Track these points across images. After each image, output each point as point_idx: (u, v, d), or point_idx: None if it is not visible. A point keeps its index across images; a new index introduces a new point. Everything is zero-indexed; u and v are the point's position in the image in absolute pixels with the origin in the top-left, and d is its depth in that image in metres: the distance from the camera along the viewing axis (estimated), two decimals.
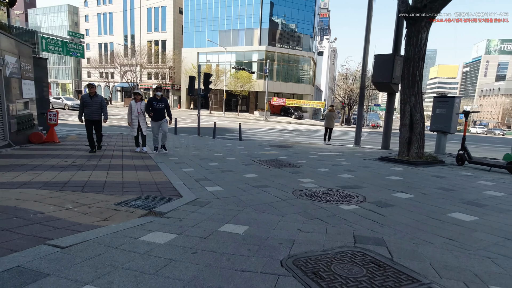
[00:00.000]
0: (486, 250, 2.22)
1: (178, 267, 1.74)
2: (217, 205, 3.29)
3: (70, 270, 1.63)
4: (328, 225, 2.70)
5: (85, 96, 7.12)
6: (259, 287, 1.56)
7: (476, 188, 4.51)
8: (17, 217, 2.44)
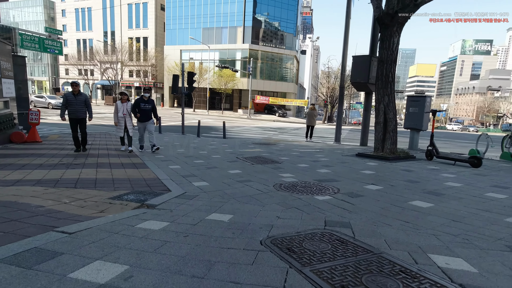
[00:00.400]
0: (433, 229, 2.64)
1: (173, 247, 2.04)
2: (204, 198, 3.59)
3: (81, 250, 1.89)
4: (303, 212, 3.06)
5: (69, 94, 7.05)
6: (241, 260, 1.88)
7: (438, 180, 5.01)
8: (21, 210, 2.66)
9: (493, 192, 4.20)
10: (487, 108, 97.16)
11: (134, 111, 7.42)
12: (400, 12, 7.10)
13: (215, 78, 42.05)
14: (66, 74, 62.66)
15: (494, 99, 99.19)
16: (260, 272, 1.71)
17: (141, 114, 7.39)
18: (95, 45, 55.43)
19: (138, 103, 7.47)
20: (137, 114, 7.39)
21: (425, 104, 9.54)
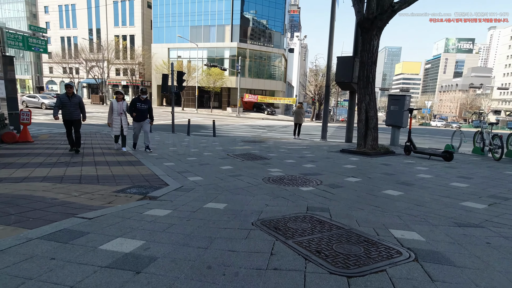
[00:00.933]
0: (398, 212, 3.11)
1: (179, 228, 2.43)
2: (199, 191, 3.97)
3: (102, 230, 2.26)
4: (288, 201, 3.49)
5: (63, 96, 7.15)
6: (236, 236, 2.29)
7: (411, 172, 5.54)
8: (40, 202, 2.98)
9: (457, 182, 4.74)
10: (470, 105, 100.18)
11: (131, 110, 7.60)
12: (379, 17, 7.61)
13: (203, 77, 42.16)
14: (50, 73, 61.39)
15: (476, 96, 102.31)
16: (252, 244, 2.12)
17: (137, 114, 7.58)
18: (80, 43, 54.47)
19: (134, 102, 7.64)
20: (133, 114, 7.57)
21: (405, 103, 10.13)
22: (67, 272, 1.62)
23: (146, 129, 7.82)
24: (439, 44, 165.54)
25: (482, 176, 5.22)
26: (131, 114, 7.63)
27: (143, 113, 7.70)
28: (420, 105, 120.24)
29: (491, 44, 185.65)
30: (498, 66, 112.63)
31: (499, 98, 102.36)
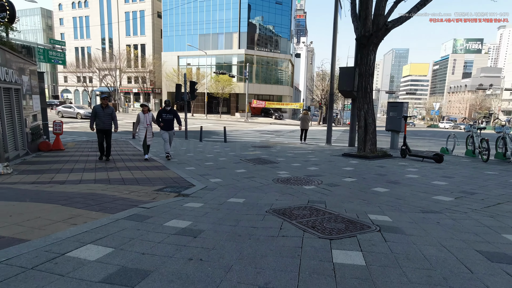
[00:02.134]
0: (379, 203, 3.96)
1: (212, 214, 3.34)
2: (221, 189, 4.89)
3: (160, 215, 3.19)
4: (294, 196, 4.38)
5: (98, 107, 7.83)
6: (255, 218, 3.19)
7: (402, 173, 6.36)
8: (105, 197, 3.95)
9: (439, 180, 5.55)
10: (479, 106, 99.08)
11: (158, 121, 8.27)
12: (375, 34, 8.48)
13: (212, 83, 43.40)
14: (64, 82, 63.59)
15: (486, 97, 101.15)
16: (267, 223, 3.02)
17: (164, 124, 8.26)
18: (93, 53, 56.53)
19: (160, 114, 8.32)
20: (161, 124, 8.25)
21: (403, 109, 10.92)
22: (152, 236, 2.54)
23: (170, 138, 8.51)
24: (447, 45, 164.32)
25: (463, 176, 6.02)
26: (158, 124, 8.30)
27: (169, 123, 8.35)
28: (428, 107, 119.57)
29: (501, 44, 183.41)
30: (508, 66, 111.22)
31: (510, 99, 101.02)
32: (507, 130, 8.12)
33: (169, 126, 8.41)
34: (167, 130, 8.39)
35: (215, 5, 47.00)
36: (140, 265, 1.98)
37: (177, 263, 2.04)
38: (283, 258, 2.16)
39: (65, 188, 4.53)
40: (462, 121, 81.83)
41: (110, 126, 7.98)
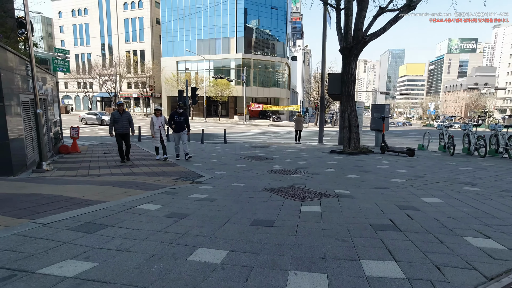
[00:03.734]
0: (346, 184, 5.22)
1: (221, 192, 4.59)
2: (226, 178, 6.14)
3: (184, 192, 4.44)
4: (282, 181, 5.64)
5: (115, 113, 8.40)
6: (253, 194, 4.44)
7: (375, 165, 7.63)
8: (140, 182, 5.19)
9: (402, 169, 6.83)
10: (474, 105, 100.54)
11: (170, 123, 8.82)
12: (355, 46, 9.78)
13: (211, 87, 44.70)
14: (65, 88, 64.59)
15: (480, 96, 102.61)
16: (260, 195, 4.27)
17: (175, 125, 8.72)
18: (93, 59, 57.77)
19: (173, 116, 8.76)
20: (173, 125, 8.75)
21: (385, 111, 12.21)
22: (183, 201, 3.79)
23: (184, 139, 8.99)
24: (442, 45, 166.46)
25: (423, 165, 7.30)
26: (170, 126, 8.87)
27: (181, 125, 8.81)
28: (424, 106, 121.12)
29: (496, 43, 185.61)
30: (503, 65, 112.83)
31: (504, 97, 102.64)
32: (499, 128, 9.04)
33: (181, 128, 8.87)
34: (178, 132, 8.92)
35: (212, 11, 48.29)
36: (181, 212, 3.24)
37: (203, 211, 3.30)
38: (269, 209, 3.42)
39: (104, 178, 5.78)
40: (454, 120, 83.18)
41: (128, 130, 8.62)
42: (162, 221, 2.92)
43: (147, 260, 2.00)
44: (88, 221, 2.77)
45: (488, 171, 6.39)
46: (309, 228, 2.75)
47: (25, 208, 3.16)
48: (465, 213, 3.25)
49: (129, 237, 2.43)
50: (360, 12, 9.73)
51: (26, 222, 2.63)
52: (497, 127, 8.88)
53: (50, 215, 2.87)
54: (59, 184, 4.93)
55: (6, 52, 5.96)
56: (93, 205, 3.39)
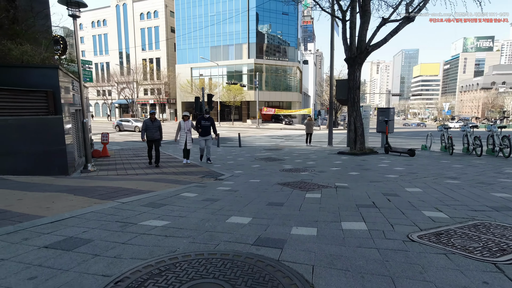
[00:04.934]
0: (346, 180, 6.16)
1: (241, 186, 5.62)
2: (243, 176, 7.17)
3: (211, 185, 5.49)
4: (292, 178, 6.62)
5: (148, 121, 9.17)
6: (267, 187, 5.44)
7: (376, 164, 8.50)
8: (172, 179, 6.30)
9: (400, 167, 7.69)
10: (491, 104, 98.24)
11: (197, 127, 9.25)
12: (359, 56, 10.69)
13: (224, 92, 46.07)
14: None
15: (498, 95, 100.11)
16: (273, 187, 5.28)
17: (202, 130, 9.19)
18: (112, 68, 60.31)
19: (199, 120, 9.26)
20: (199, 130, 9.24)
21: (390, 114, 13.00)
22: (213, 191, 4.84)
23: (209, 144, 9.56)
24: (457, 44, 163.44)
25: (420, 164, 8.14)
26: (197, 130, 9.31)
27: (206, 129, 9.28)
28: (439, 107, 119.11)
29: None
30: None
31: None
32: (495, 129, 9.51)
33: (207, 132, 9.33)
34: (204, 136, 9.38)
35: (225, 19, 49.77)
36: (213, 198, 4.29)
37: (230, 197, 4.34)
38: (280, 196, 4.43)
39: (142, 177, 6.92)
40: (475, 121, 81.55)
41: (158, 136, 9.28)
42: (201, 203, 3.98)
43: (200, 221, 3.05)
44: (151, 201, 3.86)
45: (476, 168, 7.19)
46: (309, 207, 3.75)
47: (102, 194, 4.26)
48: (434, 198, 4.16)
49: (183, 210, 3.48)
50: (363, 24, 10.65)
51: (111, 202, 3.73)
52: (493, 128, 9.58)
53: (122, 198, 3.97)
54: (111, 180, 6.09)
55: (65, 75, 7.23)
56: (147, 193, 4.49)
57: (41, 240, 2.39)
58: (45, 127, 6.51)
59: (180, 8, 52.58)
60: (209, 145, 9.53)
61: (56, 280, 1.81)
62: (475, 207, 3.62)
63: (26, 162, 6.13)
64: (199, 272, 1.93)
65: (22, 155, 5.98)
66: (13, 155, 5.80)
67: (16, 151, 5.82)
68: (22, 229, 2.56)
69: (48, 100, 6.60)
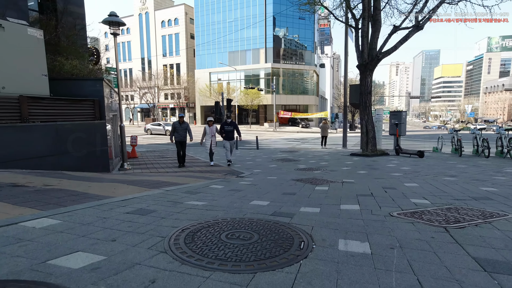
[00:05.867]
0: (354, 177, 6.88)
1: (260, 181, 6.47)
2: (262, 174, 8.01)
3: (234, 181, 6.37)
4: (305, 175, 7.40)
5: (176, 123, 9.91)
6: (282, 182, 6.26)
7: (385, 164, 9.13)
8: (199, 176, 7.24)
9: (406, 167, 8.30)
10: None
11: (220, 132, 9.87)
12: (370, 63, 11.34)
13: (242, 96, 47.21)
14: None
15: None
16: (288, 183, 6.09)
17: (225, 134, 9.79)
18: (134, 74, 62.91)
19: (223, 126, 9.84)
20: (223, 134, 9.86)
21: (402, 117, 13.51)
22: (236, 184, 5.72)
23: (231, 147, 10.12)
24: (481, 44, 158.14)
25: (426, 164, 8.71)
26: (220, 134, 9.90)
27: (229, 134, 9.87)
28: (462, 109, 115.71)
29: None
30: None
31: None
32: (503, 131, 9.94)
33: (230, 137, 9.84)
34: (227, 140, 9.91)
35: (243, 24, 51.04)
36: (237, 189, 5.16)
37: (251, 189, 5.19)
38: (294, 188, 5.25)
39: (173, 174, 7.91)
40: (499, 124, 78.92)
41: (185, 138, 9.99)
42: (228, 192, 4.86)
43: (229, 202, 3.92)
44: (188, 190, 4.78)
45: (479, 168, 7.73)
46: (317, 196, 4.54)
47: (148, 185, 5.22)
48: (426, 191, 4.85)
49: (214, 196, 4.37)
50: (374, 33, 11.31)
51: (157, 189, 4.67)
52: (501, 130, 9.98)
53: (165, 188, 4.91)
54: (148, 176, 7.10)
55: (106, 85, 8.36)
56: (183, 185, 5.42)
57: (122, 209, 3.32)
58: (93, 130, 7.62)
59: (200, 15, 54.38)
60: (231, 148, 10.06)
61: (143, 228, 2.73)
62: (458, 197, 4.30)
63: (77, 160, 7.24)
64: (234, 227, 2.81)
65: (74, 154, 7.09)
66: (68, 154, 6.91)
67: (70, 150, 6.93)
68: (105, 203, 3.51)
69: (95, 107, 7.73)
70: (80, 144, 7.22)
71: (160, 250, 2.23)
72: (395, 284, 1.72)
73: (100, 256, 2.09)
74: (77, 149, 7.08)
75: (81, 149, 7.25)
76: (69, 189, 4.32)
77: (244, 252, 2.23)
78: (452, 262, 2.03)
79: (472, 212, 3.36)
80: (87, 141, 7.45)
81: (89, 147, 7.52)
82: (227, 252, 2.22)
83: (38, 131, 6.33)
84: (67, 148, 6.81)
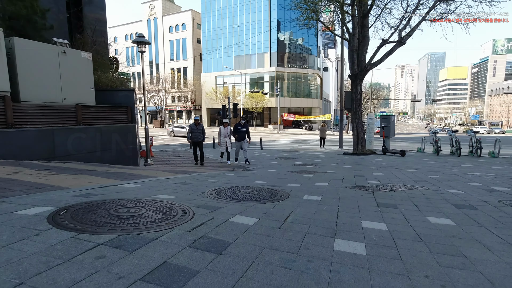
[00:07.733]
0: (339, 170, 8.53)
1: (262, 173, 8.12)
2: (264, 168, 9.68)
3: (241, 172, 8.04)
4: (299, 168, 9.06)
5: (192, 125, 10.65)
6: (281, 173, 7.93)
7: (369, 161, 10.73)
8: (212, 169, 8.93)
9: (385, 163, 9.90)
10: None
11: (234, 133, 10.71)
12: (360, 73, 12.98)
13: (247, 99, 48.98)
14: None
15: None
16: (284, 173, 7.74)
17: (238, 135, 10.62)
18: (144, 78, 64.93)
19: (236, 127, 10.67)
20: (236, 135, 10.71)
21: (390, 121, 15.09)
22: (243, 174, 7.39)
23: (245, 147, 10.94)
24: (486, 46, 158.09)
25: (403, 161, 10.30)
26: (234, 136, 10.82)
27: (242, 135, 10.71)
28: (466, 111, 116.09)
29: None
30: None
31: None
32: (472, 134, 11.74)
33: (242, 137, 10.74)
34: (240, 141, 10.80)
35: (248, 29, 52.83)
36: (244, 176, 6.84)
37: (254, 176, 6.87)
38: (287, 175, 6.91)
39: (189, 169, 9.63)
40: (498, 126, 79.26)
41: (201, 139, 10.76)
42: (236, 177, 6.55)
43: (238, 182, 5.61)
44: (208, 175, 6.52)
45: (443, 163, 9.31)
46: (303, 179, 6.20)
47: (177, 172, 6.92)
48: (385, 177, 6.47)
49: (228, 179, 6.06)
50: (363, 47, 12.96)
51: (186, 174, 6.39)
52: (471, 133, 11.55)
53: (190, 174, 6.62)
54: (172, 168, 8.83)
55: (135, 93, 10.13)
56: (203, 173, 7.13)
57: (170, 182, 5.03)
58: (126, 131, 9.39)
59: (206, 21, 56.37)
60: (245, 148, 10.91)
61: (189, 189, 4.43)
62: (404, 180, 5.94)
63: (115, 155, 9.00)
64: (243, 189, 4.57)
65: (113, 150, 8.85)
66: (109, 150, 8.67)
67: (111, 148, 8.70)
68: (158, 179, 5.22)
69: (128, 112, 9.50)
70: (117, 143, 8.98)
71: (203, 196, 3.94)
72: (325, 209, 3.38)
73: (173, 196, 3.79)
74: (115, 147, 8.84)
75: (118, 147, 9.01)
76: (127, 172, 6.06)
77: (249, 198, 3.94)
78: (363, 204, 3.69)
79: (400, 186, 5.00)
80: (123, 140, 9.21)
81: (123, 145, 9.27)
82: (240, 197, 3.94)
83: (88, 132, 8.10)
84: (108, 145, 8.58)
